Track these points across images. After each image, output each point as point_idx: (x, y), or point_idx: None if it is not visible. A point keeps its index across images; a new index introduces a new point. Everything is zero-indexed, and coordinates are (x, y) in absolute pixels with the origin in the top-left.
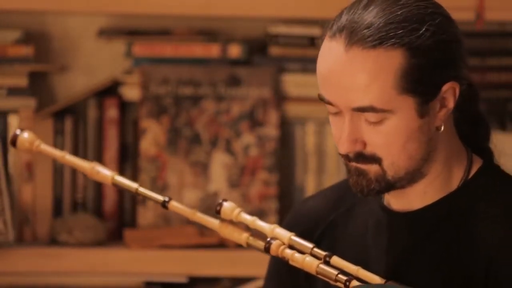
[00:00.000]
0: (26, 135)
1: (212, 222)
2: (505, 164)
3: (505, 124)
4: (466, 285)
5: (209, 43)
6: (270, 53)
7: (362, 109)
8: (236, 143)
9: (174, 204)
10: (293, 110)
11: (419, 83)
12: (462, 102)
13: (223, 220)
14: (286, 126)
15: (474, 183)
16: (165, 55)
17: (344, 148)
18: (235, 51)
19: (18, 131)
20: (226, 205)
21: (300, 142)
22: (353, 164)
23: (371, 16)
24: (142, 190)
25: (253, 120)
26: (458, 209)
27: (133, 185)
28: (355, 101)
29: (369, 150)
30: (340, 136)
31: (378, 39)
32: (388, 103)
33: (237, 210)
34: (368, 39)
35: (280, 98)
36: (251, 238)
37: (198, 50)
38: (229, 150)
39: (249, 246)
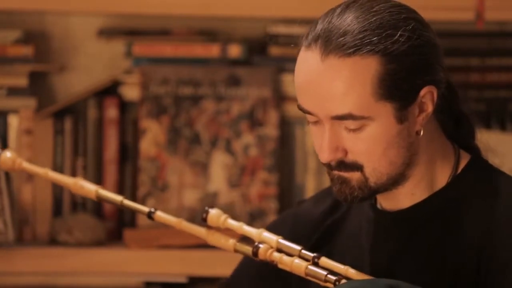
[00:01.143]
0: (8, 154)
1: (198, 230)
2: (505, 164)
3: (505, 124)
4: (457, 279)
5: (209, 43)
6: (270, 53)
7: (341, 117)
8: (236, 143)
9: (160, 215)
10: (293, 110)
11: (396, 89)
12: (443, 103)
13: (209, 228)
14: (286, 126)
15: (462, 177)
16: (165, 55)
17: (325, 156)
18: (235, 51)
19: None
20: (213, 212)
21: (300, 142)
22: (335, 172)
23: (345, 24)
24: (127, 202)
25: (253, 120)
26: (447, 204)
27: (117, 198)
28: (334, 110)
29: (350, 157)
30: (321, 145)
31: (354, 47)
32: (366, 110)
33: (224, 216)
34: (344, 47)
35: (280, 98)
36: (238, 244)
37: (198, 50)
38: (229, 150)
39: (237, 252)
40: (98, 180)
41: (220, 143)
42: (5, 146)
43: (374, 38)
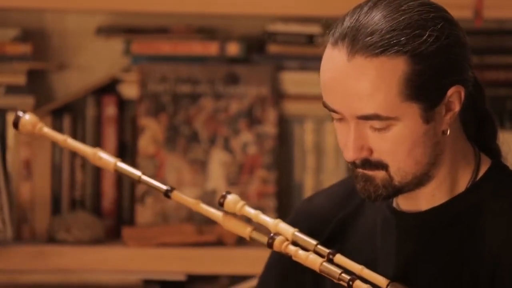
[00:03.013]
0: (27, 117)
1: (215, 214)
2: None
3: (503, 122)
4: (474, 286)
5: (208, 41)
6: (268, 51)
7: (367, 117)
8: (234, 141)
9: (177, 194)
10: (291, 108)
11: (423, 90)
12: (468, 102)
13: (226, 213)
14: (284, 124)
15: (482, 184)
16: (164, 53)
17: (350, 155)
18: (233, 49)
19: (20, 113)
20: (230, 197)
21: (298, 140)
22: (360, 170)
23: (373, 23)
24: (145, 178)
25: (252, 118)
26: (466, 210)
27: (136, 172)
28: (360, 110)
29: (375, 156)
30: (345, 143)
31: (381, 47)
32: (392, 110)
33: (241, 203)
34: (371, 47)
35: (278, 96)
36: (254, 232)
37: (197, 48)
38: (227, 148)
39: (252, 240)
40: (97, 178)
41: (219, 141)
42: (3, 144)
43: (402, 39)
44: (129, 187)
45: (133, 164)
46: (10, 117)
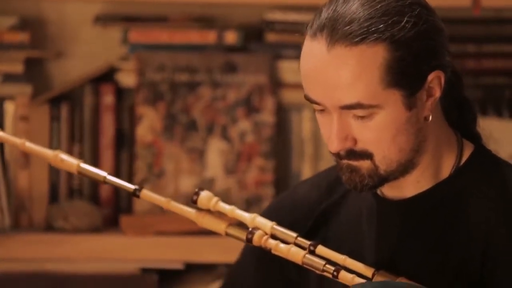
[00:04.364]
0: None
1: (188, 211)
2: (502, 150)
3: (501, 111)
4: (461, 270)
5: (205, 29)
6: (266, 40)
7: (349, 107)
8: (232, 129)
9: (146, 193)
10: (289, 96)
11: (404, 76)
12: (447, 89)
13: (200, 210)
14: (282, 113)
15: (466, 169)
16: (161, 41)
17: (334, 146)
18: (231, 37)
19: None
20: (203, 194)
21: (296, 129)
22: (345, 161)
23: (351, 12)
24: (110, 178)
25: (249, 107)
26: (450, 196)
27: (101, 173)
28: (342, 100)
29: (359, 146)
30: (329, 135)
31: (360, 35)
32: (375, 98)
33: (215, 199)
34: (350, 36)
35: (276, 84)
36: (230, 227)
37: (194, 36)
38: (225, 136)
39: (229, 236)
40: (94, 166)
41: (217, 129)
42: None
43: (381, 26)
44: (127, 175)
45: (131, 153)
46: (8, 106)
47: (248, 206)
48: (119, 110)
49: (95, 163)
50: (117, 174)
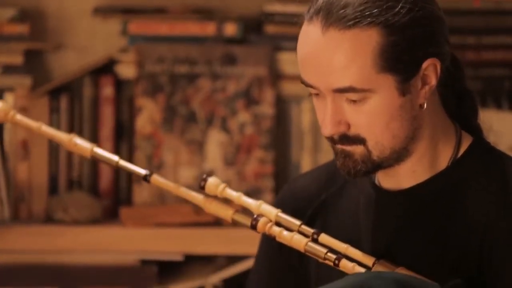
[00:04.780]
0: (0, 104)
1: (196, 197)
2: (501, 142)
3: (501, 102)
4: (457, 264)
5: (205, 21)
6: (265, 32)
7: (342, 90)
8: (231, 121)
9: (156, 178)
10: (288, 88)
11: (398, 61)
12: (447, 78)
13: (207, 196)
14: (281, 104)
15: (464, 161)
16: (161, 33)
17: (328, 130)
18: (230, 29)
19: None
20: (211, 180)
21: (295, 120)
22: (339, 146)
23: None
24: (123, 163)
25: (249, 99)
26: (448, 187)
27: (113, 158)
28: (335, 83)
29: (352, 131)
30: (323, 119)
31: (354, 19)
32: (367, 82)
33: (222, 185)
34: (344, 19)
35: (275, 76)
36: (236, 214)
37: (194, 28)
38: (224, 128)
39: (235, 223)
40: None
41: (216, 121)
42: (0, 124)
43: (375, 10)
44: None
45: (130, 144)
46: (7, 97)
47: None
48: (119, 102)
49: None
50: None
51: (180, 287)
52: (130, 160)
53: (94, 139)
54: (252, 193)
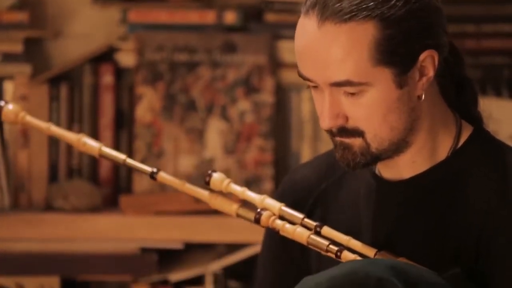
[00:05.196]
0: (10, 106)
1: (201, 193)
2: (501, 130)
3: (500, 90)
4: (457, 253)
5: (205, 9)
6: (265, 20)
7: (339, 84)
8: (231, 109)
9: (163, 175)
10: (288, 76)
11: (394, 54)
12: (445, 68)
13: (212, 191)
14: (281, 93)
15: (464, 151)
16: (161, 21)
17: (326, 123)
18: (230, 17)
19: (2, 103)
20: (216, 176)
21: (295, 109)
22: (338, 139)
23: None
24: (130, 161)
25: (249, 87)
26: (448, 177)
27: (120, 156)
28: (332, 77)
29: (351, 124)
30: (321, 112)
31: (350, 12)
32: (364, 76)
33: (227, 181)
34: (340, 13)
35: (275, 64)
36: (241, 209)
37: (194, 16)
38: (224, 116)
39: (239, 217)
40: None
41: (216, 109)
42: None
43: (371, 3)
44: (127, 154)
45: (130, 132)
46: (7, 86)
47: (247, 186)
48: (118, 90)
49: None
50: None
51: (180, 275)
52: (130, 148)
53: (94, 127)
54: (252, 181)
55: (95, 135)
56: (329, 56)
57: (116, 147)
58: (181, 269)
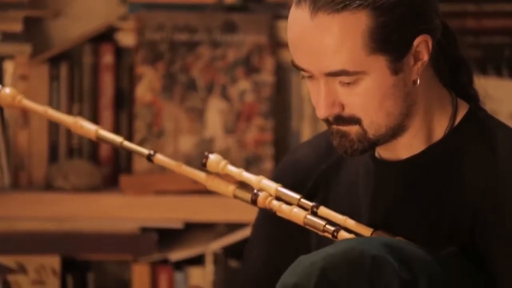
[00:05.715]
0: (7, 90)
1: (198, 174)
2: (502, 110)
3: (501, 70)
4: (453, 231)
5: None
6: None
7: (334, 74)
8: (232, 89)
9: (159, 158)
10: (288, 56)
11: (388, 42)
12: (439, 49)
13: (209, 173)
14: (281, 72)
15: (460, 130)
16: (161, 1)
17: (322, 112)
18: None
19: None
20: (212, 157)
21: (295, 88)
22: (334, 126)
23: None
24: (126, 143)
25: (249, 66)
26: (444, 156)
27: (117, 138)
28: (327, 67)
29: (347, 112)
30: (317, 101)
31: (342, 2)
32: (359, 65)
33: (223, 162)
34: (332, 3)
35: (275, 44)
36: (237, 190)
37: None
38: (224, 96)
39: (236, 198)
40: None
41: (216, 89)
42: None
43: None
44: (126, 135)
45: (130, 112)
46: (7, 65)
47: (247, 165)
48: (119, 69)
49: (95, 123)
50: (116, 133)
51: (180, 254)
52: (130, 128)
53: (94, 107)
54: (252, 161)
55: (95, 115)
56: (323, 46)
57: (116, 127)
58: (181, 249)
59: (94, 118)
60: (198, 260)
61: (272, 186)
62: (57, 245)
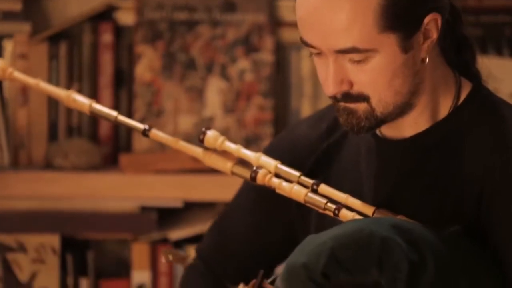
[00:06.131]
0: None
1: (195, 150)
2: (502, 89)
3: (501, 49)
4: (458, 209)
5: None
6: None
7: (345, 51)
8: (231, 68)
9: (155, 133)
10: (288, 35)
11: (400, 19)
12: (445, 28)
13: (206, 149)
14: (281, 51)
15: (463, 108)
16: None
17: (331, 90)
18: None
19: None
20: (210, 133)
21: (295, 67)
22: (342, 104)
23: None
24: (121, 118)
25: (249, 46)
26: (448, 135)
27: (112, 113)
28: (337, 44)
29: (355, 89)
30: (325, 78)
31: None
32: (370, 42)
33: (221, 138)
34: None
35: (275, 23)
36: (235, 166)
37: None
38: (224, 75)
39: (234, 175)
40: None
41: (216, 68)
42: None
43: None
44: (126, 114)
45: (130, 91)
46: (6, 44)
47: (247, 144)
48: (118, 48)
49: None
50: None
51: (180, 233)
52: (129, 107)
53: (94, 86)
54: (252, 140)
55: (94, 94)
56: (334, 23)
57: (116, 106)
58: (181, 228)
59: (94, 97)
60: (198, 239)
61: (271, 163)
62: (56, 224)
